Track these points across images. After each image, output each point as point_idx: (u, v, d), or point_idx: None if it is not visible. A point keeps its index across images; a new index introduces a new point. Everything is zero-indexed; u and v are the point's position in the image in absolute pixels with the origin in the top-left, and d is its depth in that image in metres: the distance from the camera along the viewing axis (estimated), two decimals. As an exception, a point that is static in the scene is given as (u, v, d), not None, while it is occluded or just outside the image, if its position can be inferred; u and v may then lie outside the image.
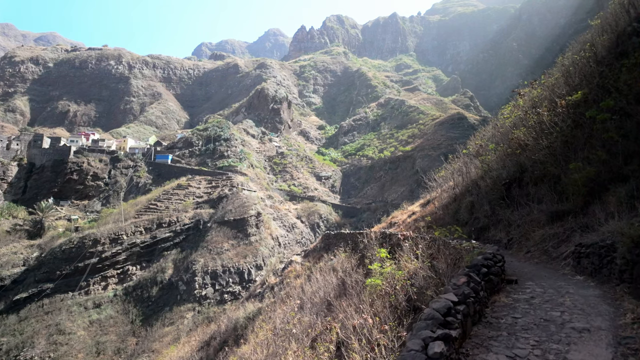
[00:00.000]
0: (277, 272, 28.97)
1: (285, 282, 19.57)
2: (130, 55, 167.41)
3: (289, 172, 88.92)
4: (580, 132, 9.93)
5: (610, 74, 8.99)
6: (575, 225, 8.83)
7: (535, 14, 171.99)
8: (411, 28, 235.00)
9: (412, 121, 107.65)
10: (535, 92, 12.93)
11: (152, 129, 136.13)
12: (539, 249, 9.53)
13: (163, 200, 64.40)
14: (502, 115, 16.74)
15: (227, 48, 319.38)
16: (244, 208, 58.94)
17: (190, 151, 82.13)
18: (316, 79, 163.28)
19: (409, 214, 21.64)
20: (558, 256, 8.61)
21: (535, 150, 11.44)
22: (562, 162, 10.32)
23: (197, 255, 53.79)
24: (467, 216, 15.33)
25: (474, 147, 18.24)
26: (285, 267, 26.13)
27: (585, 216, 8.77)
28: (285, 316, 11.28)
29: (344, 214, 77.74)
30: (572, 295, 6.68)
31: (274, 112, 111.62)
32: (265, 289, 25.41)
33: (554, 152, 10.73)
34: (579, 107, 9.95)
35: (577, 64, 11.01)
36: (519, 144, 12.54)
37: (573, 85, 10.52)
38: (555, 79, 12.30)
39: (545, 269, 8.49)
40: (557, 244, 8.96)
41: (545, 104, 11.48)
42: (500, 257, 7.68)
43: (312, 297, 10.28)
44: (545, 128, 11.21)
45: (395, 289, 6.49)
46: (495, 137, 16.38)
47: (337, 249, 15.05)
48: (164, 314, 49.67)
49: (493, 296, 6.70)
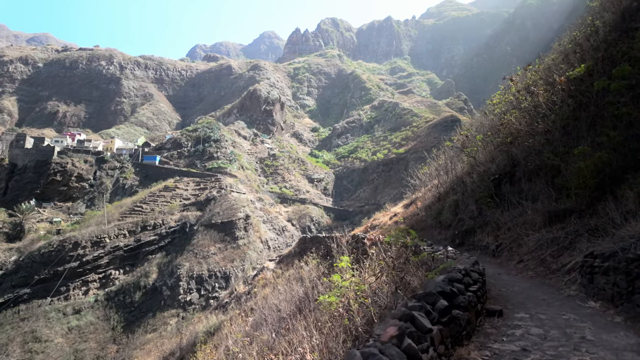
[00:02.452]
0: (247, 280, 27.21)
1: (253, 292, 18.02)
2: (122, 56, 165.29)
3: (280, 174, 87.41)
4: (584, 113, 8.28)
5: (620, 43, 7.62)
6: (581, 228, 7.12)
7: (529, 18, 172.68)
8: (406, 32, 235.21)
9: (405, 123, 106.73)
10: (529, 75, 11.47)
11: (143, 130, 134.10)
12: (534, 257, 7.76)
13: (149, 202, 62.56)
14: (491, 101, 14.96)
15: (221, 50, 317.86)
16: (232, 210, 57.28)
17: (179, 152, 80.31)
18: (310, 81, 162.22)
19: (390, 215, 20.30)
20: (559, 268, 6.78)
21: (529, 137, 9.83)
22: (562, 151, 8.67)
23: (183, 260, 52.03)
24: (451, 217, 13.63)
25: (459, 138, 16.71)
26: (257, 274, 24.45)
27: (593, 216, 7.04)
28: (241, 333, 9.88)
29: (336, 217, 76.28)
30: (591, 346, 4.26)
31: (266, 114, 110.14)
32: (233, 298, 23.73)
33: (552, 139, 9.06)
34: (582, 84, 8.38)
35: (577, 41, 9.68)
36: (510, 132, 10.98)
37: (573, 63, 9.11)
38: (552, 59, 10.92)
39: (543, 288, 6.62)
40: (557, 252, 7.23)
41: (542, 83, 10.09)
42: (477, 277, 5.42)
43: (269, 313, 8.88)
44: (541, 111, 9.61)
45: (350, 310, 5.08)
46: (483, 126, 14.80)
47: (309, 255, 13.64)
48: (146, 320, 47.85)
49: (459, 349, 4.16)
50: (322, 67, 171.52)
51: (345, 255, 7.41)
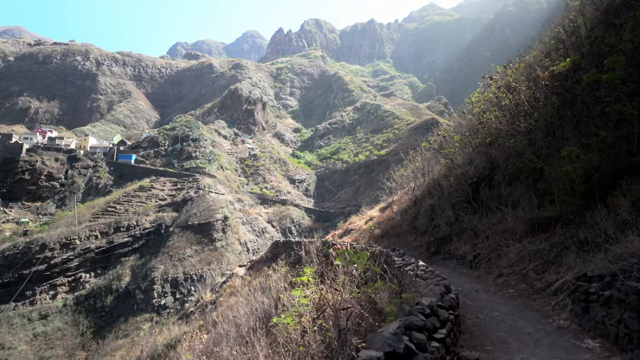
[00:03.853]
0: (214, 288, 26.08)
1: (219, 301, 17.03)
2: (99, 52, 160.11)
3: (261, 174, 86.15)
4: (569, 111, 7.61)
5: (608, 35, 7.12)
6: (567, 240, 6.29)
7: (508, 25, 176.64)
8: (388, 35, 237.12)
9: (387, 126, 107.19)
10: (510, 72, 10.97)
11: (120, 128, 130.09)
12: (515, 272, 6.85)
13: (123, 202, 60.37)
14: (470, 100, 14.32)
15: (203, 48, 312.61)
16: (210, 212, 55.82)
17: (155, 151, 77.96)
18: (293, 81, 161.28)
19: (367, 219, 19.72)
20: (544, 287, 5.86)
21: (509, 137, 9.15)
22: (545, 152, 8.04)
23: (157, 262, 50.33)
24: (427, 223, 12.82)
25: (436, 139, 16.18)
26: (226, 281, 23.37)
27: (581, 227, 6.23)
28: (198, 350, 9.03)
29: (317, 218, 75.61)
30: None
31: (247, 113, 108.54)
32: (198, 307, 22.61)
33: (535, 139, 8.38)
34: (567, 79, 7.82)
35: (559, 38, 9.23)
36: (489, 132, 10.37)
37: (555, 60, 8.62)
38: (533, 56, 10.49)
39: (527, 314, 5.55)
40: (541, 267, 6.35)
41: (523, 79, 9.60)
42: (446, 315, 4.04)
43: (230, 327, 8.10)
44: (523, 109, 8.97)
45: (306, 333, 4.40)
46: (461, 126, 14.28)
47: (278, 262, 12.87)
48: (118, 326, 46.05)
49: None
50: (305, 67, 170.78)
51: (315, 262, 6.73)
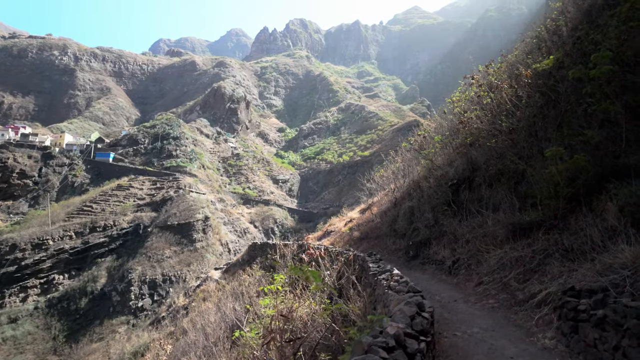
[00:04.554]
0: (188, 292, 25.32)
1: (192, 306, 16.40)
2: (77, 46, 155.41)
3: (244, 174, 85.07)
4: (553, 110, 7.31)
5: (592, 32, 6.94)
6: (551, 247, 5.87)
7: (490, 29, 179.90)
8: (373, 36, 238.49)
9: (371, 127, 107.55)
10: (492, 71, 10.84)
11: (99, 125, 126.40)
12: (495, 280, 6.39)
13: (100, 201, 58.56)
14: (451, 100, 14.01)
15: (186, 45, 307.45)
16: (191, 212, 54.68)
17: (135, 149, 75.99)
18: (277, 80, 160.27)
19: (346, 221, 19.45)
20: (527, 299, 5.39)
21: (491, 137, 8.87)
22: (527, 153, 7.71)
23: (135, 263, 48.96)
24: (406, 226, 12.45)
25: (416, 139, 16.00)
26: (200, 285, 22.70)
27: (565, 232, 5.85)
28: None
29: (300, 219, 75.13)
30: None
31: (230, 112, 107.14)
32: (170, 312, 21.87)
33: (517, 139, 8.02)
34: (551, 77, 7.56)
35: (541, 37, 9.11)
36: (470, 132, 10.15)
37: (538, 58, 8.45)
38: (515, 55, 10.37)
39: (509, 330, 4.99)
40: (524, 276, 5.90)
41: (505, 77, 9.44)
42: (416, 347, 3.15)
43: (199, 336, 7.64)
44: (504, 107, 8.71)
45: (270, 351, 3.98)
46: (442, 127, 14.12)
47: (252, 266, 12.41)
48: (92, 329, 44.62)
49: None
50: (290, 67, 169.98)
51: (289, 268, 6.33)
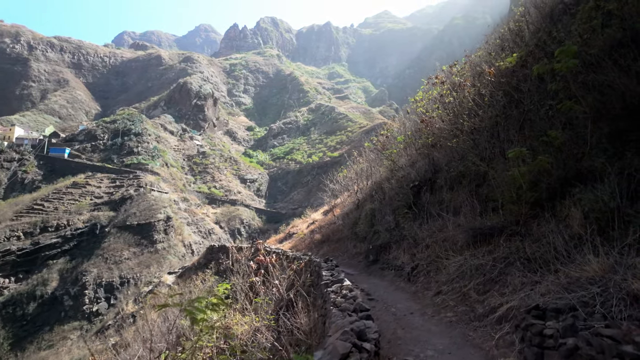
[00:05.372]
0: (138, 298, 23.98)
1: (139, 314, 15.39)
2: (32, 35, 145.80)
3: (210, 173, 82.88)
4: (516, 110, 7.02)
5: (554, 31, 6.86)
6: (513, 255, 5.38)
7: (456, 37, 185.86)
8: (344, 39, 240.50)
9: (341, 128, 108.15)
10: (455, 70, 10.75)
11: (55, 119, 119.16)
12: (454, 289, 5.89)
13: (52, 200, 55.02)
14: (414, 99, 13.93)
15: (153, 39, 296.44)
16: (151, 211, 52.46)
17: (93, 145, 72.03)
18: (247, 78, 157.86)
19: (309, 222, 19.09)
20: (487, 314, 4.84)
21: (452, 136, 8.68)
22: (489, 155, 7.40)
23: (90, 265, 46.34)
24: (367, 229, 12.08)
25: (379, 139, 15.87)
26: (152, 291, 21.51)
27: (527, 239, 5.40)
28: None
29: (268, 219, 74.10)
30: None
31: (197, 109, 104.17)
32: (117, 320, 20.58)
33: (479, 140, 7.75)
34: (514, 76, 7.43)
35: (504, 37, 9.12)
36: (432, 132, 10.00)
37: (502, 57, 8.42)
38: (479, 56, 10.37)
39: (466, 352, 4.33)
40: (484, 286, 5.40)
41: (468, 75, 9.34)
42: None
43: (140, 352, 6.95)
44: (467, 108, 8.58)
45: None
46: (405, 126, 14.04)
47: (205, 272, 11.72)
48: (41, 335, 41.72)
49: None
50: (260, 65, 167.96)
51: (239, 275, 5.81)
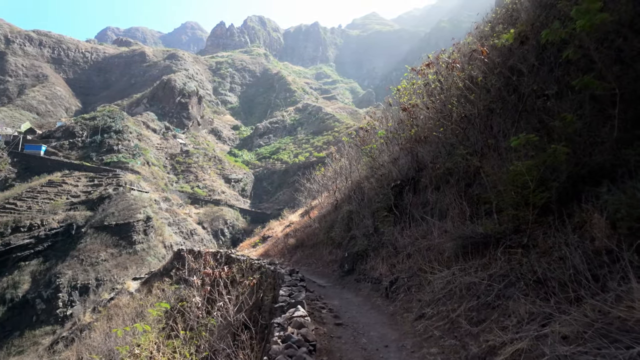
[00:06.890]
0: (98, 306, 22.62)
1: (94, 326, 14.32)
2: (9, 28, 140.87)
3: (193, 172, 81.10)
4: (514, 95, 5.84)
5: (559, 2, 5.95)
6: (514, 273, 4.05)
7: (442, 40, 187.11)
8: (332, 39, 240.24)
9: (327, 128, 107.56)
10: (443, 56, 9.66)
11: (33, 115, 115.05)
12: (440, 314, 4.55)
13: (26, 198, 52.74)
14: (396, 89, 12.07)
15: (137, 36, 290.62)
16: (131, 211, 50.73)
17: (71, 142, 69.52)
18: (233, 77, 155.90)
19: (285, 225, 18.29)
20: (483, 355, 3.41)
21: (439, 127, 7.41)
22: (482, 148, 6.27)
23: (65, 267, 44.48)
24: (343, 234, 10.94)
25: (358, 133, 14.87)
26: (113, 298, 20.31)
27: (532, 252, 4.04)
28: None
29: (252, 220, 72.82)
30: None
31: (181, 107, 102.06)
32: (72, 331, 19.31)
33: (469, 129, 6.63)
34: (511, 56, 6.24)
35: (496, 22, 8.30)
36: (415, 122, 8.76)
37: (495, 34, 7.50)
38: (468, 42, 9.43)
39: None
40: (478, 313, 4.06)
41: (458, 56, 8.36)
42: None
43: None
44: (455, 94, 7.32)
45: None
46: (386, 118, 13.02)
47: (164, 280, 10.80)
48: (10, 341, 39.84)
49: None
50: (247, 64, 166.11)
51: (195, 287, 4.97)
